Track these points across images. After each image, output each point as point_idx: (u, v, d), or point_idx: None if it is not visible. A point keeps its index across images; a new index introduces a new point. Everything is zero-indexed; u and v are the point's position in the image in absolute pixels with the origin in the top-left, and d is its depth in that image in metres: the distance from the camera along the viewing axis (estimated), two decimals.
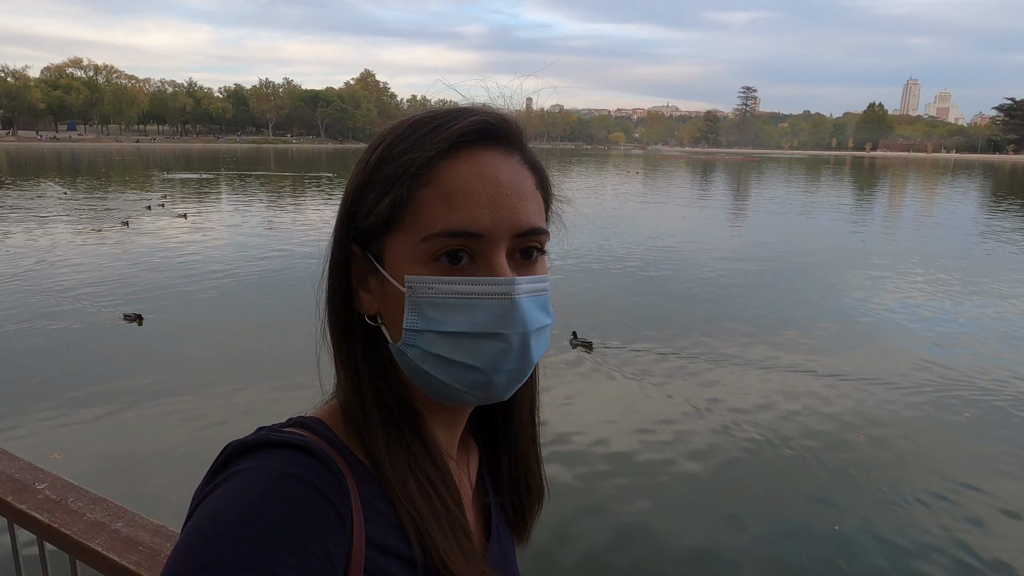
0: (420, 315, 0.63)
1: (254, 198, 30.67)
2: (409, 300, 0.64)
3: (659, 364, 8.39)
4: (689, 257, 16.19)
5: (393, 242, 0.65)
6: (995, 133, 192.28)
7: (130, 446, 6.00)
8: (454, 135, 0.64)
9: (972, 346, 9.46)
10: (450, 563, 0.64)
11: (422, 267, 0.63)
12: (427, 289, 0.63)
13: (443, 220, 0.62)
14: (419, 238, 0.63)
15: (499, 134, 0.66)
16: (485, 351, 0.63)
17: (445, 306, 0.63)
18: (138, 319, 9.54)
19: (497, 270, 0.63)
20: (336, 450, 0.63)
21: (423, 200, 0.63)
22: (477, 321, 0.63)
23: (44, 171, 45.79)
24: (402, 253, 0.64)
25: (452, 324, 0.63)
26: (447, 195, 0.63)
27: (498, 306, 0.63)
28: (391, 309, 0.66)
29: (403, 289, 0.64)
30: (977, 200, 38.83)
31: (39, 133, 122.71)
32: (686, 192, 40.80)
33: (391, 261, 0.65)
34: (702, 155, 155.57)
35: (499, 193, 0.64)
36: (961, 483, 5.65)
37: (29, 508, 1.43)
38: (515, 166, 0.67)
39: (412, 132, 0.66)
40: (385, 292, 0.66)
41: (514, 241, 0.65)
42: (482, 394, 0.66)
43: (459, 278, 0.63)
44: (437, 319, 0.63)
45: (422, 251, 0.63)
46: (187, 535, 0.53)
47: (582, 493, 5.34)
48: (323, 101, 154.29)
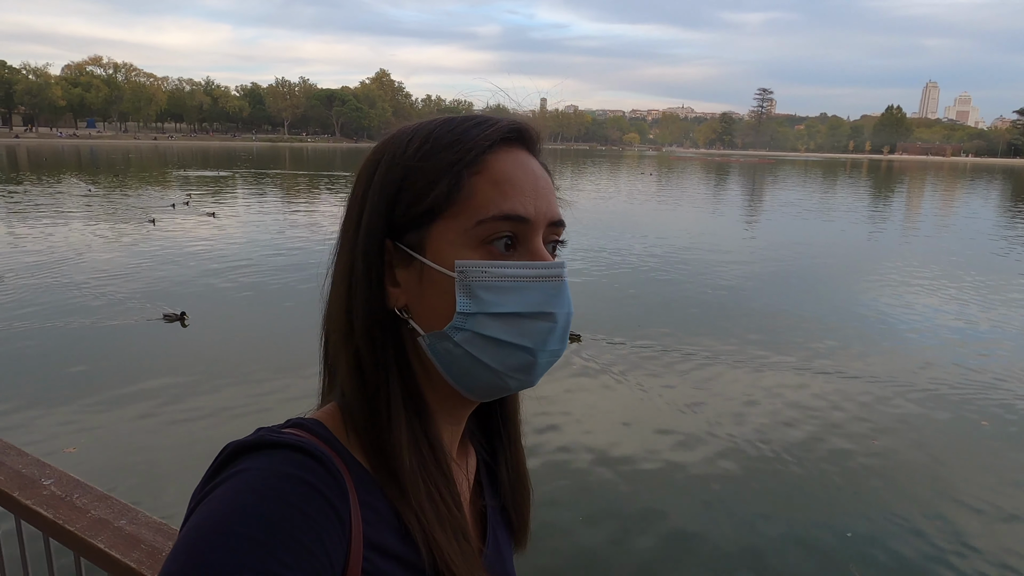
0: (473, 298, 0.65)
1: (276, 197, 30.68)
2: (460, 284, 0.65)
3: (667, 364, 8.34)
4: (701, 259, 16.09)
5: (439, 229, 0.67)
6: (1016, 137, 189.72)
7: (152, 444, 6.05)
8: (501, 131, 0.69)
9: (991, 353, 9.33)
10: (454, 567, 0.66)
11: (473, 252, 0.66)
12: (480, 273, 0.65)
13: (496, 205, 0.66)
14: (473, 222, 0.65)
15: (529, 137, 0.72)
16: (535, 330, 0.66)
17: (498, 288, 0.65)
18: (181, 318, 9.24)
19: (539, 255, 0.68)
20: (335, 451, 0.64)
21: (475, 186, 0.66)
22: (530, 301, 0.66)
23: (64, 167, 46.40)
24: (449, 240, 0.66)
25: (505, 305, 0.65)
26: (497, 182, 0.66)
27: (550, 287, 0.67)
28: (429, 298, 0.67)
29: (451, 275, 0.65)
30: (996, 205, 38.35)
31: (59, 130, 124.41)
32: (700, 194, 40.59)
33: (435, 249, 0.67)
34: (717, 157, 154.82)
35: (538, 185, 0.69)
36: (978, 492, 5.56)
37: (35, 504, 1.44)
38: (541, 167, 0.72)
39: (454, 126, 0.69)
40: (423, 281, 0.67)
41: (547, 230, 0.69)
42: (523, 377, 0.68)
43: (511, 262, 0.66)
44: (491, 301, 0.65)
45: (474, 235, 0.66)
46: (186, 535, 0.54)
47: (587, 495, 5.32)
48: (338, 100, 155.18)
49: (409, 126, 0.72)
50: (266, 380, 7.47)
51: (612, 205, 30.26)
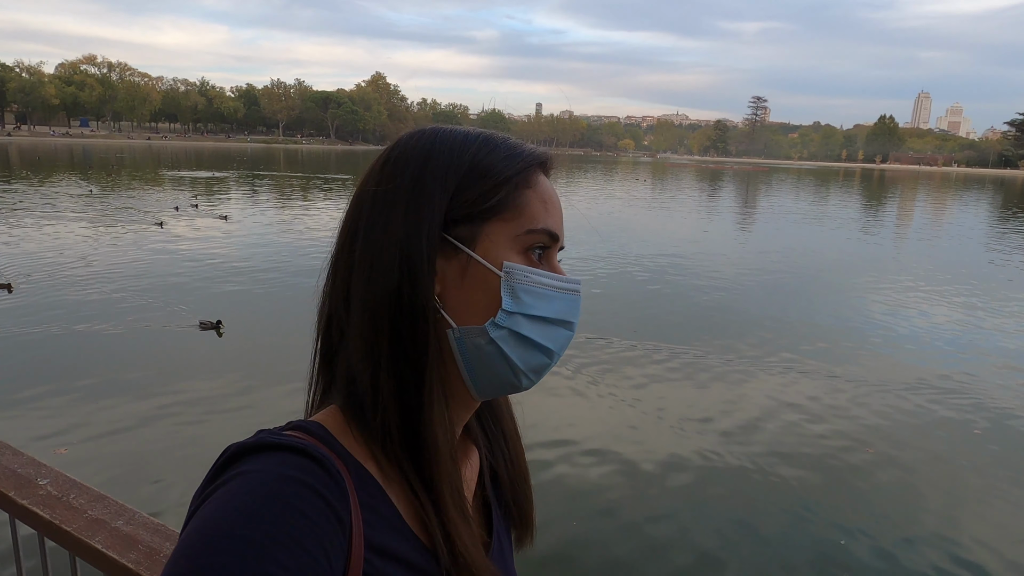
0: (516, 299, 0.69)
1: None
2: (506, 284, 0.69)
3: (663, 371, 8.35)
4: (696, 265, 16.15)
5: (492, 229, 0.70)
6: (1006, 148, 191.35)
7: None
8: (540, 155, 0.76)
9: (983, 360, 9.39)
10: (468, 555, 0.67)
11: (517, 257, 0.70)
12: (524, 276, 0.70)
13: (543, 219, 0.72)
14: (524, 229, 0.71)
15: (550, 167, 0.78)
16: (558, 336, 0.72)
17: (535, 293, 0.70)
18: (216, 327, 8.97)
19: (558, 269, 0.74)
20: (335, 453, 0.64)
21: (527, 199, 0.72)
22: (557, 309, 0.72)
23: (57, 167, 46.12)
24: (499, 241, 0.70)
25: (540, 309, 0.70)
26: (543, 200, 0.73)
27: (572, 299, 0.73)
28: (469, 293, 0.70)
29: (499, 273, 0.69)
30: (988, 214, 38.66)
31: (52, 129, 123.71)
32: (694, 200, 40.74)
33: (485, 247, 0.70)
34: (711, 164, 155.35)
35: (560, 209, 0.76)
36: (971, 499, 5.60)
37: (31, 504, 1.43)
38: None
39: (505, 140, 0.76)
40: (467, 275, 0.70)
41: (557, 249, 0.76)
42: (535, 378, 0.73)
43: (548, 272, 0.72)
44: (530, 304, 0.70)
45: (520, 242, 0.71)
46: (186, 537, 0.54)
47: (582, 499, 5.31)
48: (334, 102, 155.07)
49: (444, 128, 0.75)
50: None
51: (607, 210, 30.31)
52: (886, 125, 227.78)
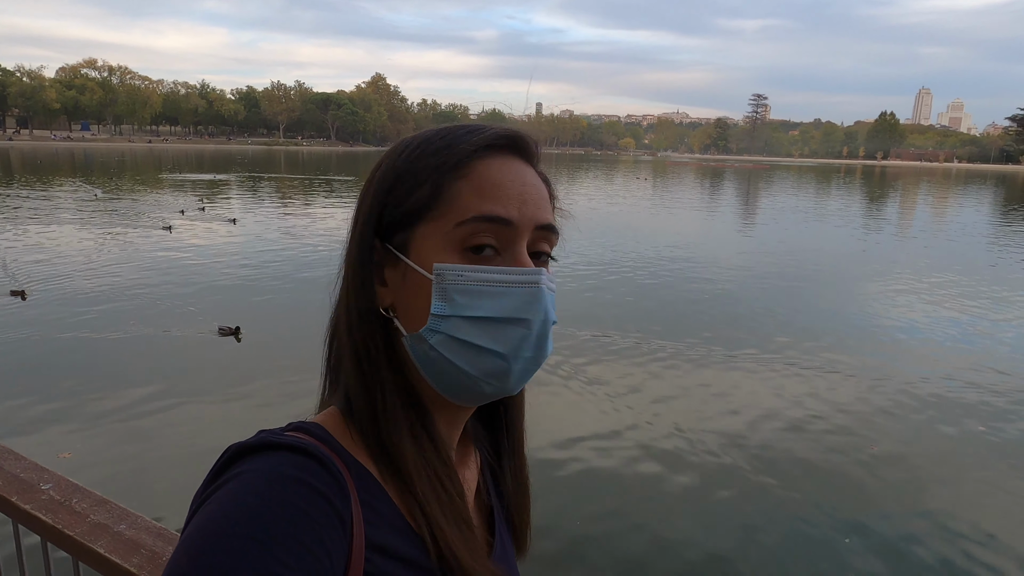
0: (448, 301, 0.66)
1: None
2: (437, 287, 0.66)
3: (664, 368, 8.35)
4: (697, 263, 16.14)
5: (421, 231, 0.68)
6: (1008, 143, 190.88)
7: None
8: (490, 138, 0.70)
9: (987, 358, 9.37)
10: (459, 556, 0.66)
11: (451, 256, 0.67)
12: (456, 276, 0.66)
13: (476, 207, 0.67)
14: (452, 224, 0.67)
15: (523, 145, 0.73)
16: (508, 336, 0.67)
17: (473, 292, 0.66)
18: (235, 333, 8.91)
19: (520, 261, 0.68)
20: (336, 453, 0.64)
21: (459, 190, 0.67)
22: (504, 307, 0.66)
23: (59, 170, 46.17)
24: (431, 243, 0.67)
25: (479, 309, 0.66)
26: (480, 187, 0.68)
27: (525, 293, 0.67)
28: (410, 299, 0.68)
29: (430, 276, 0.66)
30: (990, 211, 38.59)
31: (53, 133, 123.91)
32: (696, 198, 40.71)
33: (417, 251, 0.68)
34: (712, 162, 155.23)
35: (526, 191, 0.69)
36: (976, 497, 5.59)
37: (33, 508, 1.43)
38: (535, 175, 0.73)
39: (447, 134, 0.71)
40: (406, 282, 0.69)
41: (535, 234, 0.70)
42: (497, 384, 0.68)
43: (488, 266, 0.67)
44: (464, 304, 0.66)
45: (453, 238, 0.67)
46: (187, 537, 0.54)
47: (583, 499, 5.32)
48: (334, 104, 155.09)
49: (416, 134, 0.74)
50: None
51: (608, 208, 30.30)
52: (887, 121, 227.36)
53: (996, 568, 4.63)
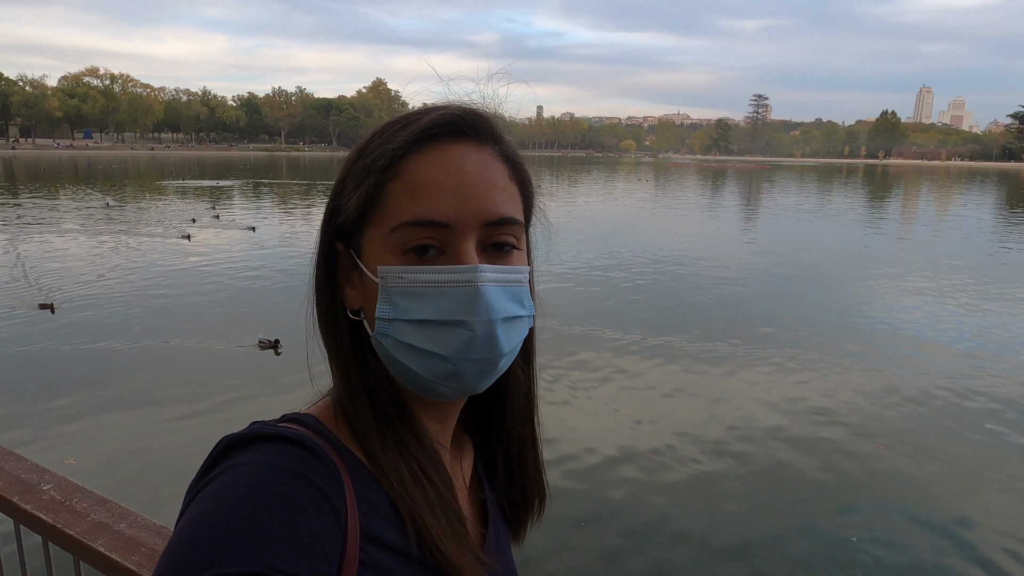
0: (391, 304, 0.65)
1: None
2: (382, 290, 0.65)
3: (672, 366, 8.34)
4: (702, 263, 16.12)
5: (368, 235, 0.67)
6: (1010, 141, 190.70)
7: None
8: (419, 129, 0.66)
9: (992, 355, 9.34)
10: (443, 547, 0.65)
11: (393, 259, 0.65)
12: (397, 278, 0.64)
13: (408, 211, 0.64)
14: (388, 229, 0.65)
15: (467, 127, 0.67)
16: (451, 339, 0.64)
17: (413, 295, 0.64)
18: (275, 346, 8.76)
19: (464, 260, 0.64)
20: (329, 444, 0.64)
21: (391, 193, 0.65)
22: (443, 309, 0.64)
23: (62, 179, 46.31)
24: (375, 246, 0.66)
25: (419, 312, 0.64)
26: (412, 187, 0.64)
27: (462, 293, 0.64)
28: (370, 302, 0.67)
29: (377, 280, 0.66)
30: (994, 208, 38.51)
31: (56, 141, 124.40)
32: (698, 199, 40.70)
33: (367, 254, 0.67)
34: (713, 163, 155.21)
35: (465, 183, 0.65)
36: (984, 494, 5.57)
37: (34, 508, 1.43)
38: (485, 158, 0.67)
39: (386, 129, 0.68)
40: (365, 285, 0.68)
41: (484, 232, 0.66)
42: (453, 384, 0.67)
43: (426, 267, 0.64)
44: (406, 307, 0.64)
45: (392, 242, 0.65)
46: (182, 529, 0.53)
47: (586, 495, 5.31)
48: (335, 109, 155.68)
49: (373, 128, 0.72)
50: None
51: (609, 210, 30.30)
52: (888, 120, 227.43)
53: (1006, 568, 4.60)
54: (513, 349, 0.69)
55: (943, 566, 4.60)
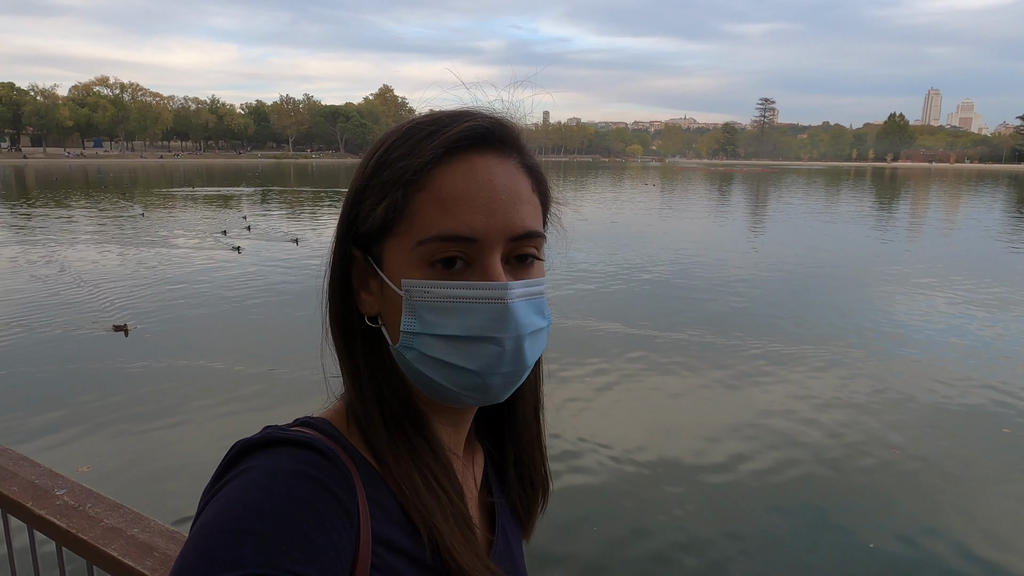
0: (417, 318, 0.65)
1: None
2: (406, 303, 0.65)
3: (682, 370, 8.31)
4: (711, 267, 16.08)
5: (391, 246, 0.66)
6: (1020, 142, 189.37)
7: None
8: (449, 141, 0.65)
9: (1007, 359, 9.24)
10: (456, 554, 0.66)
11: (419, 271, 0.64)
12: (423, 293, 0.64)
13: (437, 225, 0.63)
14: (414, 242, 0.64)
15: (494, 138, 0.67)
16: (480, 354, 0.64)
17: (441, 309, 0.64)
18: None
19: (491, 275, 0.64)
20: (342, 448, 0.64)
21: (418, 205, 0.64)
22: (472, 325, 0.64)
23: (74, 187, 46.68)
24: (399, 257, 0.66)
25: (448, 328, 0.64)
26: (441, 200, 0.64)
27: (492, 310, 0.64)
28: (390, 311, 0.67)
29: (400, 292, 0.65)
30: (1003, 211, 38.23)
31: (67, 150, 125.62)
32: (706, 204, 40.61)
33: (389, 264, 0.67)
34: (720, 167, 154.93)
35: (493, 198, 0.64)
36: (1002, 500, 5.50)
37: (48, 514, 1.45)
38: (511, 170, 0.67)
39: (409, 137, 0.67)
40: (384, 294, 0.68)
41: (509, 245, 0.66)
42: (479, 396, 0.67)
43: (454, 282, 0.64)
44: (433, 322, 0.64)
45: (418, 255, 0.64)
46: (196, 532, 0.54)
47: (599, 497, 5.28)
48: (342, 116, 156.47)
49: (388, 130, 0.71)
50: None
51: (617, 215, 30.27)
52: (896, 123, 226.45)
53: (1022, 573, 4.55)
54: (536, 360, 0.69)
55: (963, 572, 4.55)
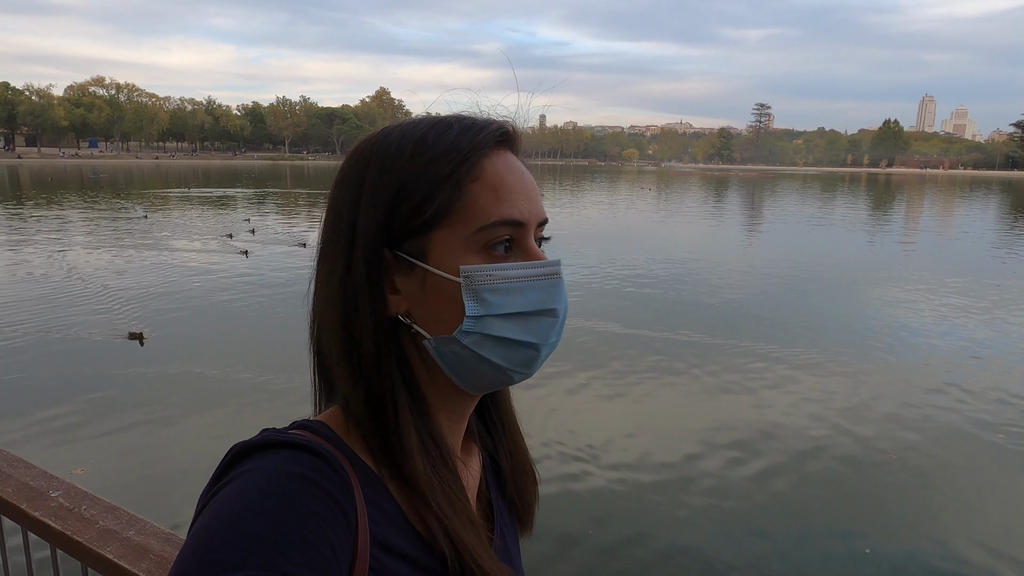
0: (480, 301, 0.67)
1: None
2: (467, 289, 0.67)
3: (679, 375, 8.33)
4: (706, 271, 16.11)
5: (440, 237, 0.68)
6: (1013, 149, 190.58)
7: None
8: (494, 135, 0.71)
9: (1003, 365, 9.28)
10: (480, 560, 0.67)
11: (477, 257, 0.68)
12: (485, 276, 0.67)
13: (495, 211, 0.68)
14: (474, 229, 0.67)
15: (515, 139, 0.74)
16: (539, 327, 0.70)
17: (502, 290, 0.68)
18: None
19: (535, 254, 0.71)
20: (340, 451, 0.65)
21: (474, 194, 0.68)
22: (533, 300, 0.69)
23: (68, 187, 46.50)
24: (452, 247, 0.68)
25: (512, 306, 0.68)
26: (495, 188, 0.68)
27: (549, 285, 0.70)
28: (433, 303, 0.69)
29: (457, 280, 0.67)
30: (996, 217, 38.45)
31: (61, 150, 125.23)
32: (702, 208, 40.71)
33: (438, 256, 0.68)
34: (716, 171, 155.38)
35: (530, 187, 0.71)
36: (999, 506, 5.52)
37: (43, 515, 1.44)
38: (526, 165, 0.74)
39: (444, 132, 0.70)
40: (426, 288, 0.69)
41: (536, 229, 0.72)
42: (525, 371, 0.71)
43: (513, 263, 0.69)
44: (497, 303, 0.67)
45: (475, 241, 0.68)
46: (194, 534, 0.54)
47: (594, 502, 5.27)
48: (339, 118, 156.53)
49: (394, 128, 0.72)
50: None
51: (613, 219, 30.32)
52: (891, 129, 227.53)
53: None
54: None
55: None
